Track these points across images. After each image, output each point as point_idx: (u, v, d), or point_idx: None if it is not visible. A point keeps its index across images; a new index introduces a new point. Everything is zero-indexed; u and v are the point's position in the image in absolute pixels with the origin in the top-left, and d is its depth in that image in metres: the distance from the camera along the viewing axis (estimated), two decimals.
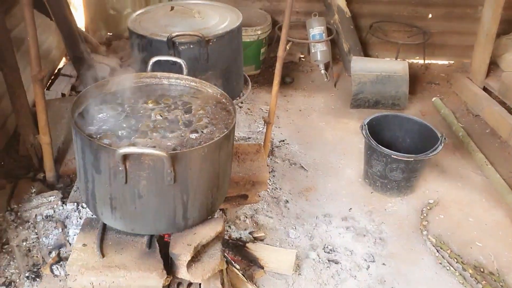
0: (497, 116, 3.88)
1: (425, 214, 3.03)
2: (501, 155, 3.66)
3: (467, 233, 2.93)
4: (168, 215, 1.95)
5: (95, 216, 2.06)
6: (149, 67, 2.34)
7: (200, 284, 2.04)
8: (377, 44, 4.81)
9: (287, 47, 2.63)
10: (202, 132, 2.00)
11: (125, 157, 1.76)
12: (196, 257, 2.01)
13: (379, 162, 3.07)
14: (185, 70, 2.34)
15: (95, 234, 2.02)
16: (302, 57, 4.82)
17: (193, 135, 1.97)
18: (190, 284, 2.05)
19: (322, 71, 4.50)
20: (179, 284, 2.05)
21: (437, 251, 2.76)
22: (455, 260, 2.70)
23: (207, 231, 2.06)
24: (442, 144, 3.04)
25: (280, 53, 2.64)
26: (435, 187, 3.30)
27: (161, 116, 2.07)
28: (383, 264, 2.67)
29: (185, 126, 2.02)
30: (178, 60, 2.35)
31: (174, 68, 2.47)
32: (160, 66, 2.43)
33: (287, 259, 2.50)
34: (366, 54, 4.74)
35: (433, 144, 3.06)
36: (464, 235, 2.91)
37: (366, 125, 3.14)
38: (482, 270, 2.65)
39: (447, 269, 2.64)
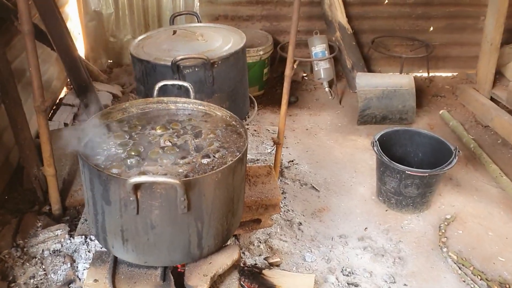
0: (508, 126, 3.81)
1: (443, 230, 2.93)
2: None
3: (489, 248, 2.84)
4: (183, 244, 1.86)
5: (105, 249, 1.98)
6: (155, 92, 2.28)
7: None
8: (380, 59, 4.79)
9: (294, 66, 2.58)
10: (214, 156, 1.93)
11: (136, 186, 1.68)
12: (212, 287, 1.93)
13: (392, 179, 2.99)
14: (192, 94, 2.28)
15: (106, 268, 1.93)
16: (305, 76, 4.78)
17: (205, 160, 1.90)
18: None
19: (326, 89, 4.46)
20: None
21: (459, 268, 2.66)
22: (478, 277, 2.60)
23: (223, 260, 1.98)
24: (457, 157, 2.97)
25: (288, 72, 2.59)
26: (451, 202, 3.22)
27: (171, 142, 2.00)
28: (405, 285, 2.57)
29: (196, 151, 1.96)
30: (185, 83, 2.29)
31: (179, 92, 2.42)
32: (165, 91, 2.38)
33: (305, 284, 2.40)
34: (369, 69, 4.70)
35: (446, 158, 2.99)
36: (485, 250, 2.81)
37: (377, 141, 3.07)
38: (507, 286, 2.55)
39: (471, 287, 2.54)
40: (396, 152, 3.19)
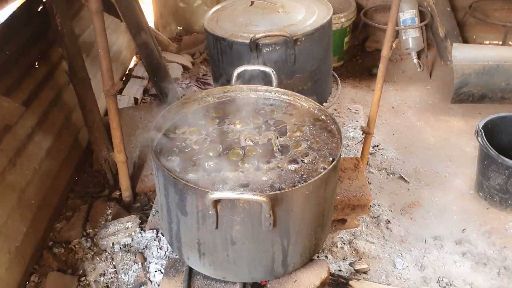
0: None
1: None
2: None
3: None
4: (265, 262, 1.63)
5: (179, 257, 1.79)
6: (233, 79, 2.01)
7: None
8: (477, 26, 4.19)
9: (393, 45, 2.21)
10: (302, 161, 1.65)
11: (217, 200, 1.45)
12: None
13: (499, 174, 2.58)
14: (274, 81, 1.99)
15: (180, 280, 1.75)
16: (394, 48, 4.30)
17: (292, 166, 1.63)
18: None
19: (415, 60, 3.98)
20: None
21: None
22: None
23: (310, 279, 1.73)
24: None
25: (385, 52, 2.23)
26: None
27: (252, 141, 1.74)
28: None
29: (281, 154, 1.68)
30: (267, 69, 2.00)
31: (253, 73, 2.11)
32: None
33: None
34: (463, 38, 4.15)
35: None
36: None
37: (482, 130, 2.65)
38: None
39: None
40: (502, 141, 2.75)
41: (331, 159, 1.65)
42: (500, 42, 4.04)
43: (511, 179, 2.54)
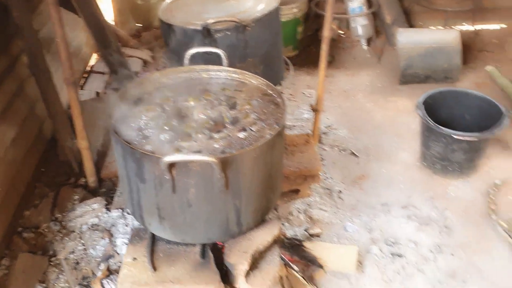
0: None
1: (492, 197, 2.77)
2: None
3: None
4: (221, 222, 1.80)
5: (143, 226, 1.93)
6: (186, 60, 2.16)
7: None
8: (422, 13, 4.47)
9: (334, 26, 2.40)
10: (251, 130, 1.82)
11: (171, 165, 1.60)
12: (253, 264, 1.86)
13: (438, 144, 2.82)
14: (225, 61, 2.15)
15: (145, 246, 1.90)
16: (342, 33, 4.53)
17: (242, 134, 1.79)
18: None
19: (364, 47, 4.23)
20: None
21: (510, 237, 2.51)
22: None
23: (264, 236, 1.90)
24: (508, 119, 2.76)
25: (326, 33, 2.43)
26: (500, 165, 3.02)
27: (205, 115, 1.90)
28: (452, 255, 2.45)
29: (231, 125, 1.85)
30: (217, 50, 2.16)
31: (209, 58, 2.28)
32: (194, 57, 2.24)
33: (348, 256, 2.32)
34: (410, 24, 4.41)
35: (495, 119, 2.78)
36: None
37: (422, 105, 2.88)
38: None
39: None
40: (442, 114, 2.98)
41: (276, 127, 1.82)
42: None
43: (449, 147, 2.78)
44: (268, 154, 1.76)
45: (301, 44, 4.32)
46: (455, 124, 2.91)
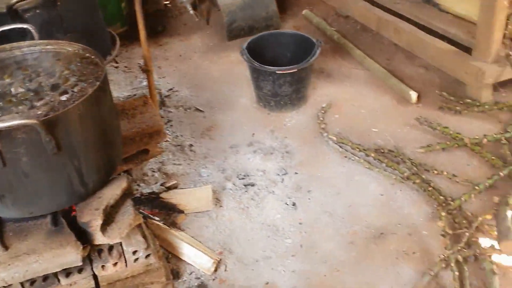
0: (364, 11, 4.04)
1: (321, 118, 3.15)
2: (376, 47, 3.87)
3: (363, 123, 3.11)
4: (65, 186, 1.82)
5: None
6: None
7: (121, 243, 1.97)
8: None
9: None
10: (72, 91, 1.86)
11: None
12: (108, 219, 1.93)
13: (266, 82, 3.11)
14: (36, 35, 2.14)
15: None
16: (168, 3, 4.63)
17: (64, 97, 1.82)
18: (111, 247, 1.98)
19: (191, 12, 4.37)
20: (100, 251, 1.97)
21: (340, 147, 2.90)
22: (357, 149, 2.86)
23: (112, 191, 1.97)
24: (319, 48, 3.13)
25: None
26: (325, 92, 3.43)
27: (23, 88, 1.89)
28: (296, 173, 2.76)
29: (52, 91, 1.87)
30: (24, 25, 2.13)
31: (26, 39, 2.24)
32: (9, 40, 2.19)
33: (204, 196, 2.50)
34: None
35: (312, 52, 3.14)
36: (360, 126, 3.08)
37: (246, 49, 3.13)
38: (382, 151, 2.84)
39: (353, 160, 2.80)
40: (267, 57, 3.28)
41: (98, 83, 1.88)
42: None
43: (276, 83, 3.08)
44: (95, 110, 1.82)
45: (129, 19, 4.33)
46: (280, 63, 3.23)
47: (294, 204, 2.57)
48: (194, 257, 2.21)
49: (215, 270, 2.23)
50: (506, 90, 3.26)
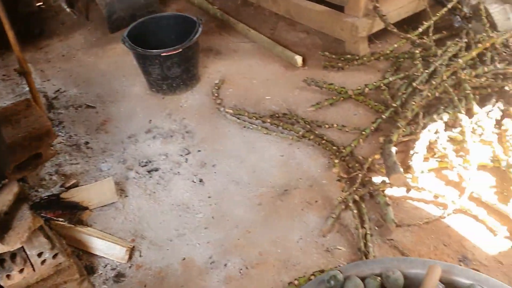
0: None
1: (216, 94, 3.20)
2: (258, 19, 3.97)
3: (256, 93, 3.21)
4: None
5: None
6: None
7: (24, 249, 1.91)
8: None
9: None
10: None
11: None
12: (5, 227, 1.85)
13: (154, 67, 3.10)
14: None
15: None
16: (41, 4, 4.40)
17: None
18: (14, 254, 1.90)
19: (68, 10, 4.22)
20: (2, 260, 1.89)
21: (238, 118, 2.97)
22: (254, 118, 2.95)
23: (4, 198, 1.90)
24: (201, 26, 3.17)
25: None
26: (216, 69, 3.48)
27: None
28: (199, 150, 2.81)
29: None
30: None
31: None
32: None
33: (106, 189, 2.47)
34: None
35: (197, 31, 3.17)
36: (254, 96, 3.18)
37: (127, 37, 3.09)
38: (277, 115, 2.96)
39: (251, 128, 2.89)
40: (152, 42, 3.23)
41: None
42: None
43: (164, 65, 3.08)
44: None
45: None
46: (166, 46, 3.19)
47: (201, 180, 2.61)
48: (106, 249, 2.19)
49: (130, 258, 2.22)
50: (380, 41, 3.52)
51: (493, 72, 2.81)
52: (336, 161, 2.54)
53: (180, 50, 3.04)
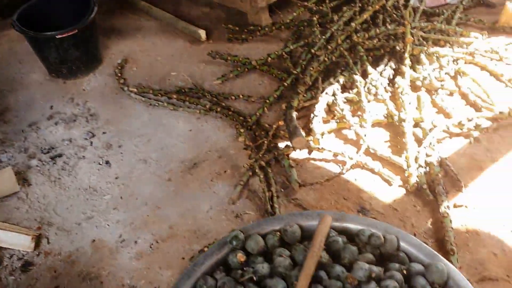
0: None
1: (119, 74, 3.13)
2: None
3: (161, 70, 3.17)
4: None
5: None
6: None
7: None
8: None
9: None
10: None
11: None
12: None
13: (50, 50, 2.97)
14: None
15: None
16: None
17: None
18: None
19: None
20: None
21: (143, 97, 2.93)
22: (159, 95, 2.92)
23: None
24: (96, 5, 3.06)
25: None
26: (119, 49, 3.40)
27: None
28: (104, 132, 2.75)
29: None
30: None
31: None
32: None
33: (5, 179, 2.36)
34: None
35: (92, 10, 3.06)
36: (159, 74, 3.14)
37: (16, 21, 2.93)
38: (183, 91, 2.95)
39: (157, 105, 2.87)
40: (51, 26, 3.04)
41: None
42: None
43: (60, 48, 2.96)
44: None
45: None
46: (65, 28, 3.04)
47: (107, 162, 2.57)
48: (10, 240, 2.11)
49: (38, 246, 2.16)
50: (281, 11, 3.59)
51: (384, 33, 2.97)
52: (242, 130, 2.59)
53: (76, 31, 2.92)
